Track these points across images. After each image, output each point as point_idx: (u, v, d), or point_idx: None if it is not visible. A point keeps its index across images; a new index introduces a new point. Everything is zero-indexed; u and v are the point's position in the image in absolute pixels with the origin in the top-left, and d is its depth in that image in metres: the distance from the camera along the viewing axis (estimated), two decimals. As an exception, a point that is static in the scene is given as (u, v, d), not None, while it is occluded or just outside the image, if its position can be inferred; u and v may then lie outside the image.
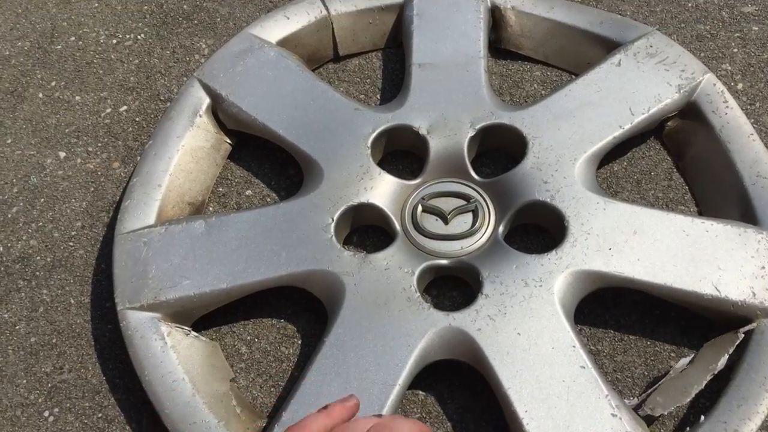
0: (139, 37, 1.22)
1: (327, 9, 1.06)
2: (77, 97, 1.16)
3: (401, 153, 1.01)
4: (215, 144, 1.01)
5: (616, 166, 1.01)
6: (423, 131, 0.94)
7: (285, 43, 1.05)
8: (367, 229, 0.97)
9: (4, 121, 1.15)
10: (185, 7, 1.24)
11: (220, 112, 1.01)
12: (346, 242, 0.96)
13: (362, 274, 0.85)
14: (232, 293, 0.87)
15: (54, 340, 0.95)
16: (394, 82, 1.10)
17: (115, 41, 1.22)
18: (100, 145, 1.10)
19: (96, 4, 1.26)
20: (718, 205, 0.92)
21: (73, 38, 1.23)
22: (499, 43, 1.08)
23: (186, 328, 0.88)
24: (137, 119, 1.12)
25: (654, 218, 0.85)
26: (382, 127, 0.94)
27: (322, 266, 0.85)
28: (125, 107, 1.14)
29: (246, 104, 0.98)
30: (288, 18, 1.06)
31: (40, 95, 1.17)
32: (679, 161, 0.99)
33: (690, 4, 1.17)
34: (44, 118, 1.14)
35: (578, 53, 1.04)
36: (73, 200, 1.06)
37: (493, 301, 0.82)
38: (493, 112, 0.94)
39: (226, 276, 0.86)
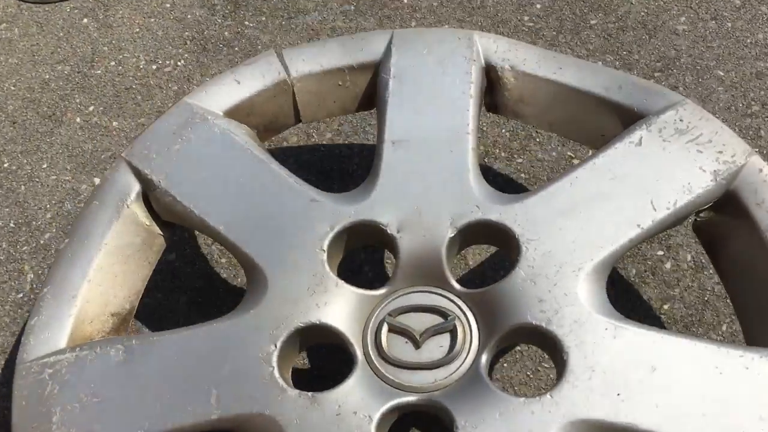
0: (179, 63, 1.19)
1: (287, 70, 0.88)
2: (114, 123, 1.13)
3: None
4: (147, 239, 0.84)
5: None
6: (392, 229, 0.76)
7: (235, 112, 0.87)
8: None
9: (40, 145, 1.12)
10: (226, 34, 1.22)
11: (152, 201, 0.84)
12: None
13: (308, 421, 0.68)
14: (152, 442, 0.71)
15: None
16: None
17: (154, 67, 1.19)
18: (135, 172, 1.06)
19: (137, 30, 1.23)
20: (764, 324, 0.73)
21: (113, 63, 1.20)
22: (496, 109, 0.89)
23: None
24: (174, 148, 1.07)
25: (679, 349, 0.67)
26: (341, 225, 0.77)
27: (260, 409, 0.69)
28: (162, 135, 1.09)
29: (182, 192, 0.81)
30: (239, 82, 0.88)
31: (78, 120, 1.14)
32: (713, 261, 0.80)
33: (749, 40, 1.07)
34: (81, 143, 1.11)
35: (590, 124, 0.85)
36: (107, 228, 1.01)
37: (469, 464, 0.64)
38: (479, 204, 0.76)
39: (144, 420, 0.70)
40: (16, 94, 1.18)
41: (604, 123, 0.83)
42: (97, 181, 1.06)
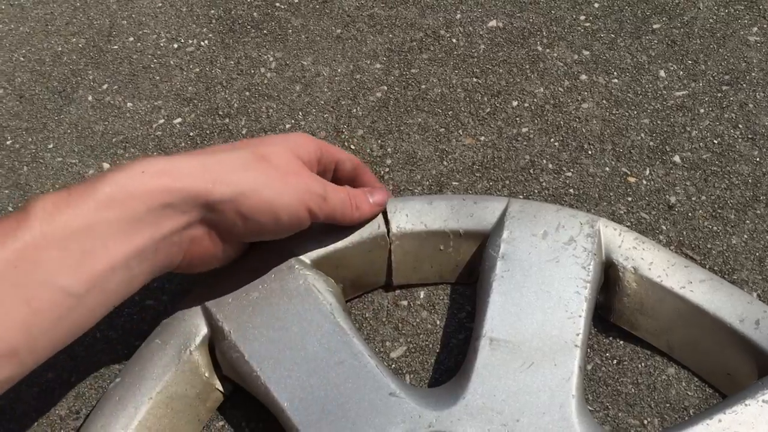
0: (202, 43, 1.11)
1: (388, 224, 0.77)
2: (129, 104, 1.04)
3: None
4: (202, 392, 0.72)
5: (734, 239, 0.81)
6: None
7: (324, 262, 0.75)
8: None
9: (48, 123, 1.03)
10: (255, 14, 1.14)
11: (218, 352, 0.71)
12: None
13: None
14: None
15: (72, 378, 0.77)
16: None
17: (176, 46, 1.11)
18: (147, 159, 0.97)
19: (160, 4, 1.16)
20: None
21: (131, 39, 1.12)
22: (608, 314, 0.77)
23: None
24: (191, 134, 0.99)
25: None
26: None
27: None
28: (180, 119, 1.01)
29: (251, 351, 0.69)
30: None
31: (90, 98, 1.05)
32: None
33: None
34: (91, 123, 1.02)
35: (716, 357, 0.72)
36: (112, 219, 0.91)
37: None
38: (580, 448, 0.63)
39: None
40: (25, 66, 1.09)
41: (733, 360, 0.70)
42: (106, 166, 0.96)
